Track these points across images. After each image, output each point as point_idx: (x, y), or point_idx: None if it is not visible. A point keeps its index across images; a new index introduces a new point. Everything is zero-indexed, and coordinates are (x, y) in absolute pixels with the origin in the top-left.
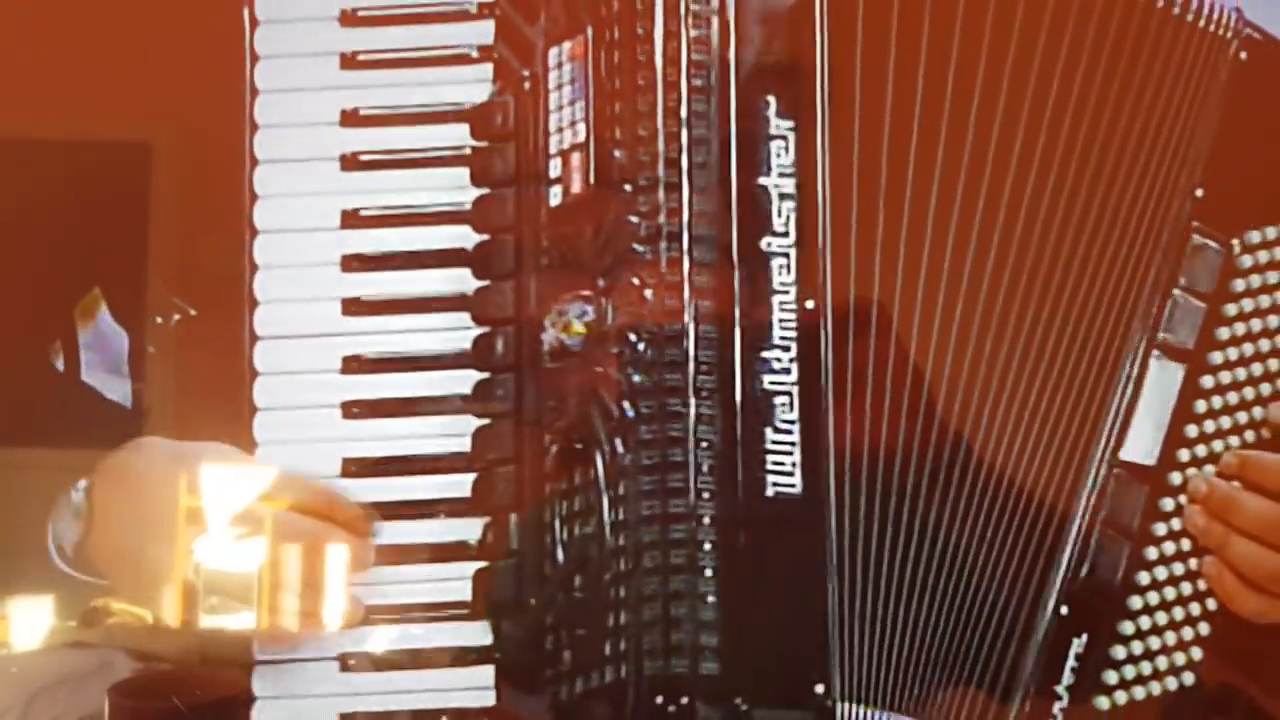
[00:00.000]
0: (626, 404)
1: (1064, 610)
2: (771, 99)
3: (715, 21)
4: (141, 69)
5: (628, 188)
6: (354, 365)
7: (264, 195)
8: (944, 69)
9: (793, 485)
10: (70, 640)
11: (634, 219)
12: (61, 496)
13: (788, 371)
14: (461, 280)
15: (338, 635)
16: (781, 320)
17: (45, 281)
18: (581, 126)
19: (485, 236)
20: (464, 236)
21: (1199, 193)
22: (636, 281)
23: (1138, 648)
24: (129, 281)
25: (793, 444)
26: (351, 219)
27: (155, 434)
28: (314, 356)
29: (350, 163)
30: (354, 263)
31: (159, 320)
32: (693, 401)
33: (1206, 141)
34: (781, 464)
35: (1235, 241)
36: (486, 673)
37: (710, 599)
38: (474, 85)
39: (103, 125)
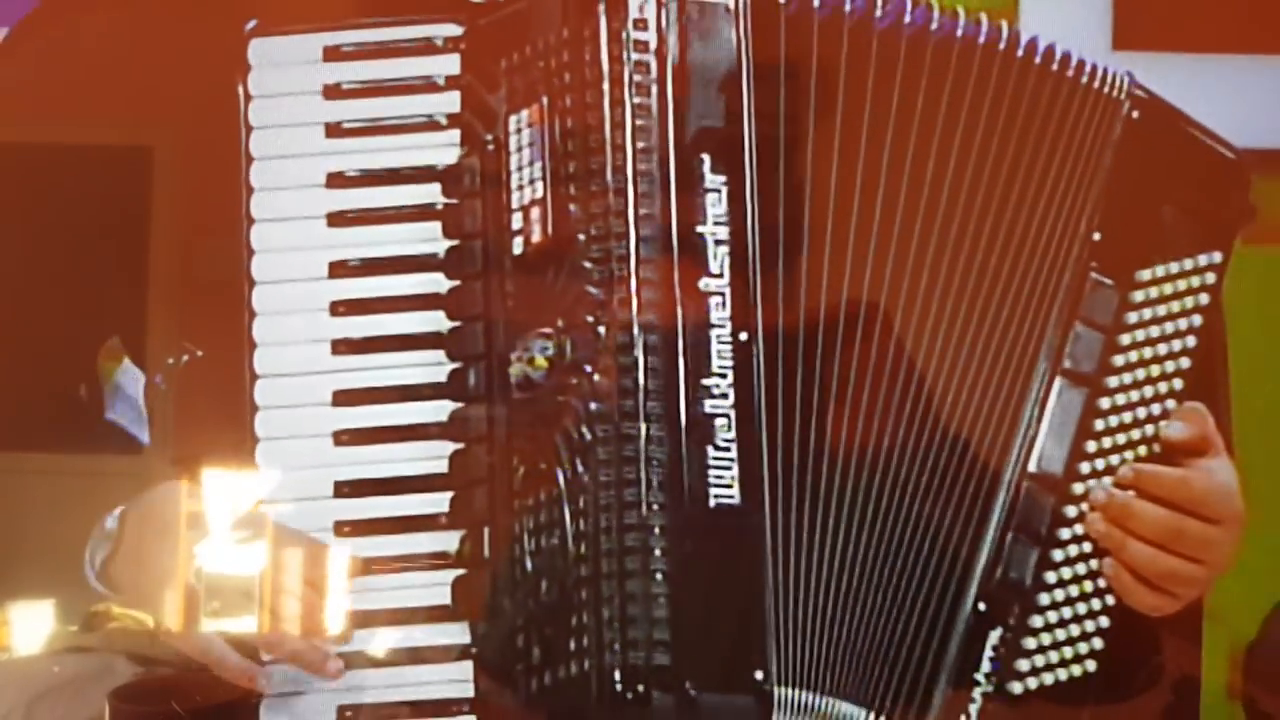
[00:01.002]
0: (585, 428)
1: (982, 606)
2: (706, 157)
3: (654, 90)
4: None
5: (581, 237)
6: (343, 398)
7: (260, 250)
8: (858, 130)
9: (732, 496)
10: (71, 644)
11: (587, 264)
12: (100, 520)
13: (725, 396)
14: (437, 321)
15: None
16: (719, 351)
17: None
18: (540, 184)
19: (457, 282)
20: (438, 282)
21: (1096, 237)
22: (591, 319)
23: (1046, 639)
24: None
25: (731, 460)
26: (338, 269)
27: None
28: (307, 391)
29: (336, 220)
30: (341, 308)
31: (170, 361)
32: (643, 425)
33: (1103, 191)
34: (722, 478)
35: (1128, 279)
36: (466, 668)
37: (662, 599)
38: (444, 149)
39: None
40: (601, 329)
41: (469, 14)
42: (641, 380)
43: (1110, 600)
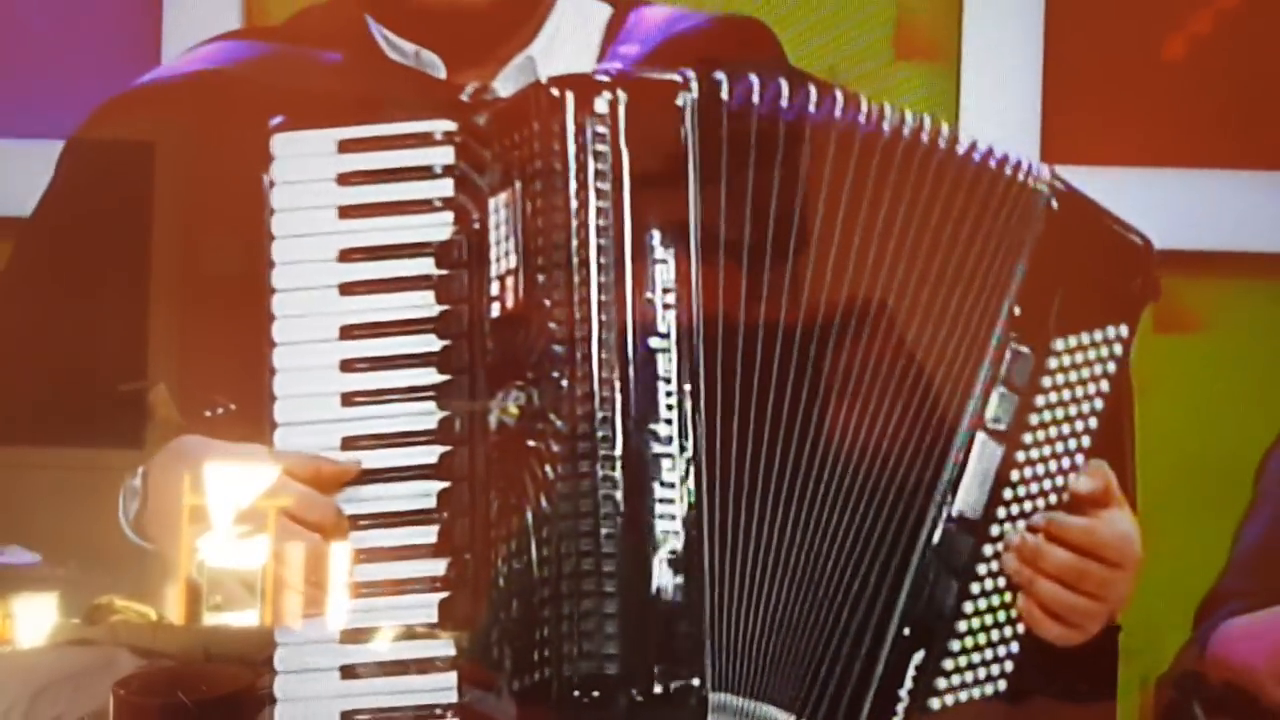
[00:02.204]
0: (549, 467)
1: (906, 631)
2: (656, 232)
3: (612, 175)
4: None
5: (548, 303)
6: (350, 444)
7: (280, 316)
8: (790, 210)
9: (674, 526)
10: (74, 637)
11: (553, 326)
12: (127, 479)
13: (670, 440)
14: (429, 375)
15: (339, 647)
16: (665, 402)
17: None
18: (514, 256)
19: (447, 342)
20: (430, 342)
21: (1017, 310)
22: (556, 374)
23: (963, 661)
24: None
25: (674, 498)
26: (347, 331)
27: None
28: (320, 438)
29: (346, 289)
30: (350, 365)
31: (206, 414)
32: (599, 466)
33: (1024, 270)
34: (667, 511)
35: (1045, 348)
36: (451, 677)
37: (612, 617)
38: (438, 228)
39: None
40: (564, 382)
41: (461, 111)
42: (598, 426)
43: (1020, 629)
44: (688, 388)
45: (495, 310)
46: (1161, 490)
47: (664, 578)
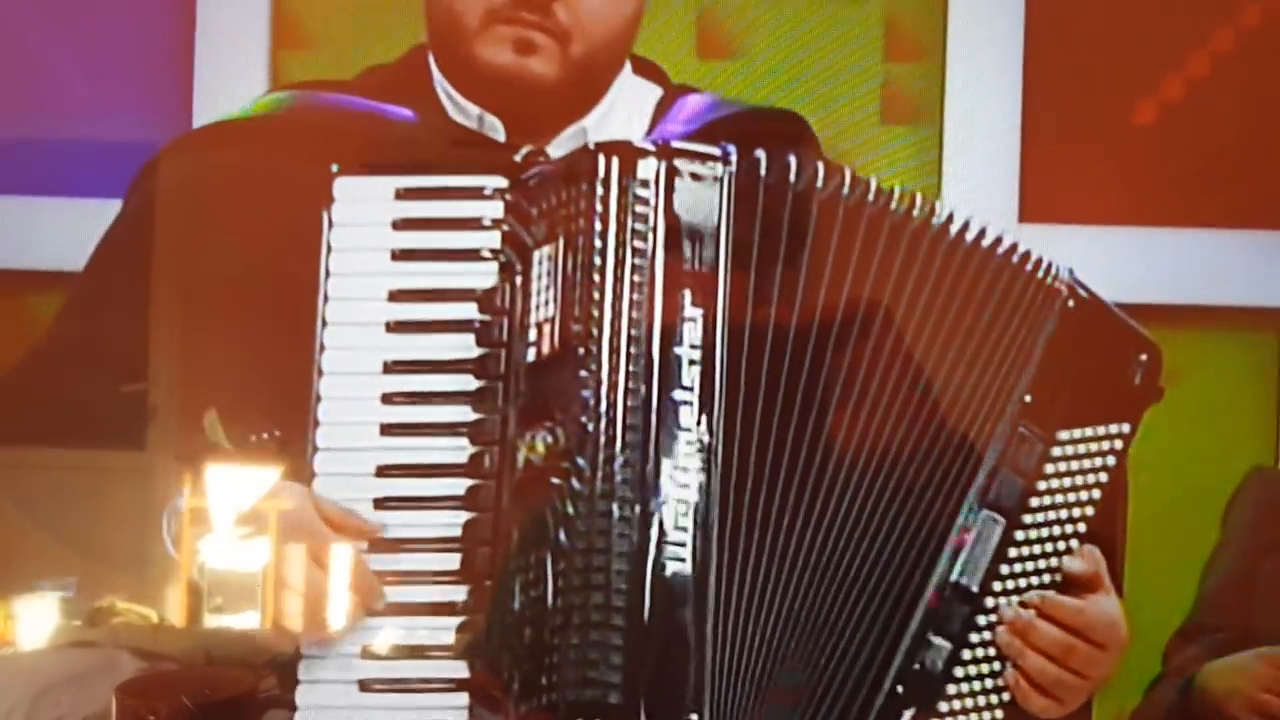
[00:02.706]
0: (570, 505)
1: (899, 689)
2: (687, 292)
3: (649, 237)
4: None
5: (581, 351)
6: (385, 471)
7: (330, 348)
8: (818, 283)
9: (684, 567)
10: (75, 639)
11: (584, 373)
12: (172, 500)
13: (686, 487)
14: (464, 413)
15: (358, 662)
16: (684, 452)
17: None
18: (552, 306)
19: (482, 383)
20: (468, 382)
21: (1028, 399)
22: (583, 419)
23: None
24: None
25: (685, 542)
26: (390, 367)
27: None
28: (357, 464)
29: (393, 327)
30: (391, 398)
31: (253, 439)
32: (615, 507)
33: (1038, 362)
34: (676, 552)
35: (1051, 437)
36: (461, 697)
37: (618, 648)
38: (483, 276)
39: None
40: (590, 426)
41: (513, 170)
42: (617, 470)
43: (1006, 698)
44: (706, 440)
45: (531, 355)
46: (1133, 530)
47: (670, 616)
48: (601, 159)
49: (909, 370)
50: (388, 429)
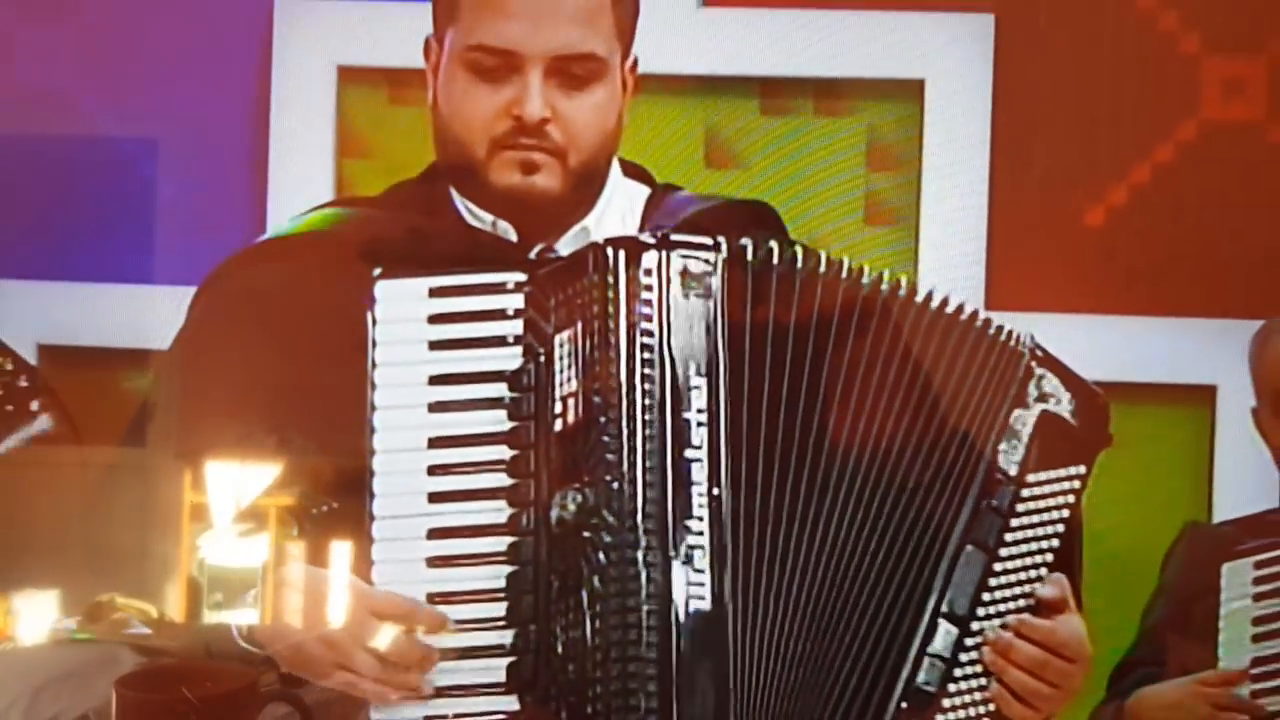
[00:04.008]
0: (601, 555)
1: (903, 705)
2: (692, 363)
3: (655, 319)
4: None
5: (602, 420)
6: (435, 534)
7: (380, 429)
8: (803, 353)
9: (705, 603)
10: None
11: (607, 439)
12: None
13: (701, 534)
14: (502, 480)
15: (425, 702)
16: (698, 502)
17: None
18: (575, 382)
19: (516, 452)
20: (503, 452)
21: (1003, 448)
22: (608, 478)
23: None
24: None
25: (705, 579)
26: (435, 442)
27: None
28: (410, 529)
29: (434, 408)
30: (436, 470)
31: (313, 511)
32: (641, 553)
33: (1007, 415)
34: (697, 592)
35: (1022, 480)
36: None
37: (652, 678)
38: (510, 359)
39: None
40: (614, 485)
41: (530, 266)
42: (640, 520)
43: (991, 708)
44: (716, 492)
45: (558, 425)
46: (1086, 575)
47: (695, 647)
48: (610, 252)
49: (899, 425)
50: (435, 496)
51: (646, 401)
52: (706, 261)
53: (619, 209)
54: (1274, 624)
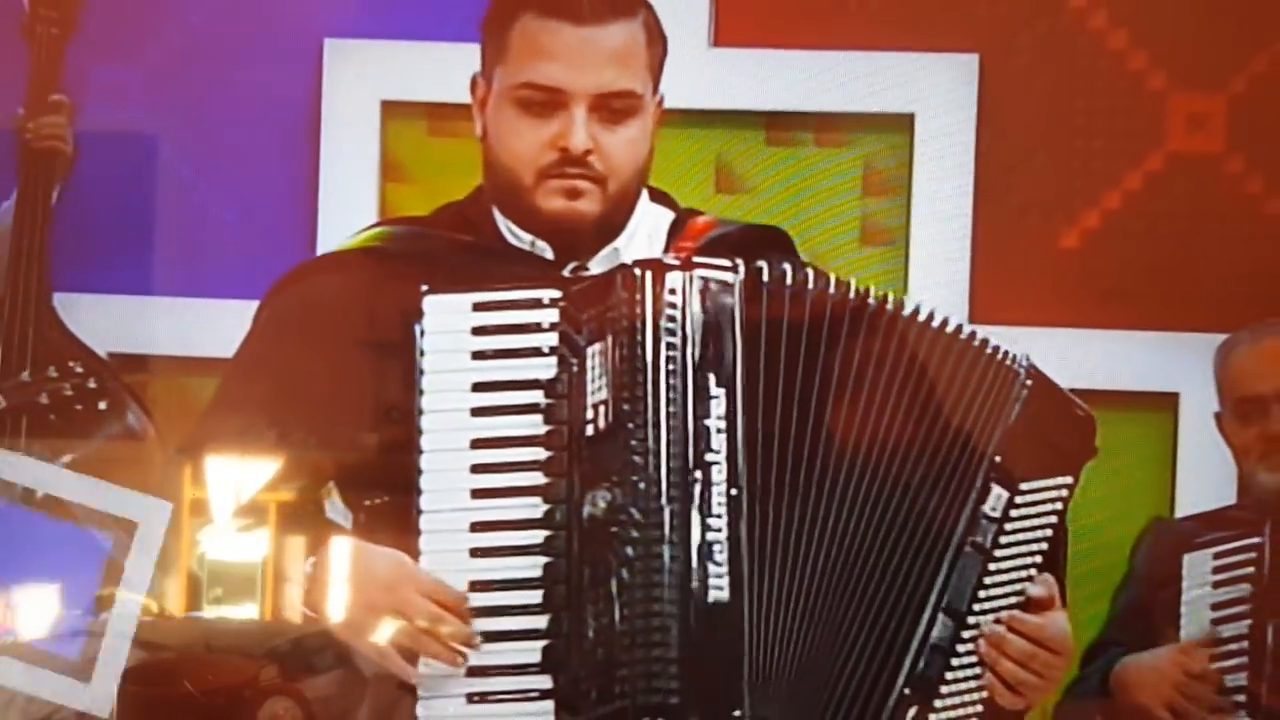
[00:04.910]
0: (629, 549)
1: (907, 691)
2: (712, 376)
3: (679, 334)
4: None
5: (630, 426)
6: (477, 527)
7: (427, 430)
8: (814, 364)
9: (723, 593)
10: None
11: (634, 443)
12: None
13: (720, 530)
14: (538, 478)
15: (466, 680)
16: (716, 501)
17: None
18: (605, 391)
19: (551, 453)
20: (539, 453)
21: (998, 459)
22: (635, 479)
23: (945, 715)
24: None
25: (724, 571)
26: (477, 443)
27: None
28: (455, 522)
29: (476, 412)
30: (478, 469)
31: (366, 503)
32: (665, 549)
33: (1004, 430)
34: (716, 583)
35: (1015, 488)
36: (548, 705)
37: (674, 660)
38: (546, 369)
39: None
40: (641, 485)
41: (564, 283)
42: (666, 517)
43: (984, 694)
44: (734, 492)
45: (590, 430)
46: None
47: (714, 633)
48: (638, 272)
49: (903, 434)
50: (477, 493)
51: (670, 409)
52: (726, 282)
53: (646, 231)
54: (1231, 609)
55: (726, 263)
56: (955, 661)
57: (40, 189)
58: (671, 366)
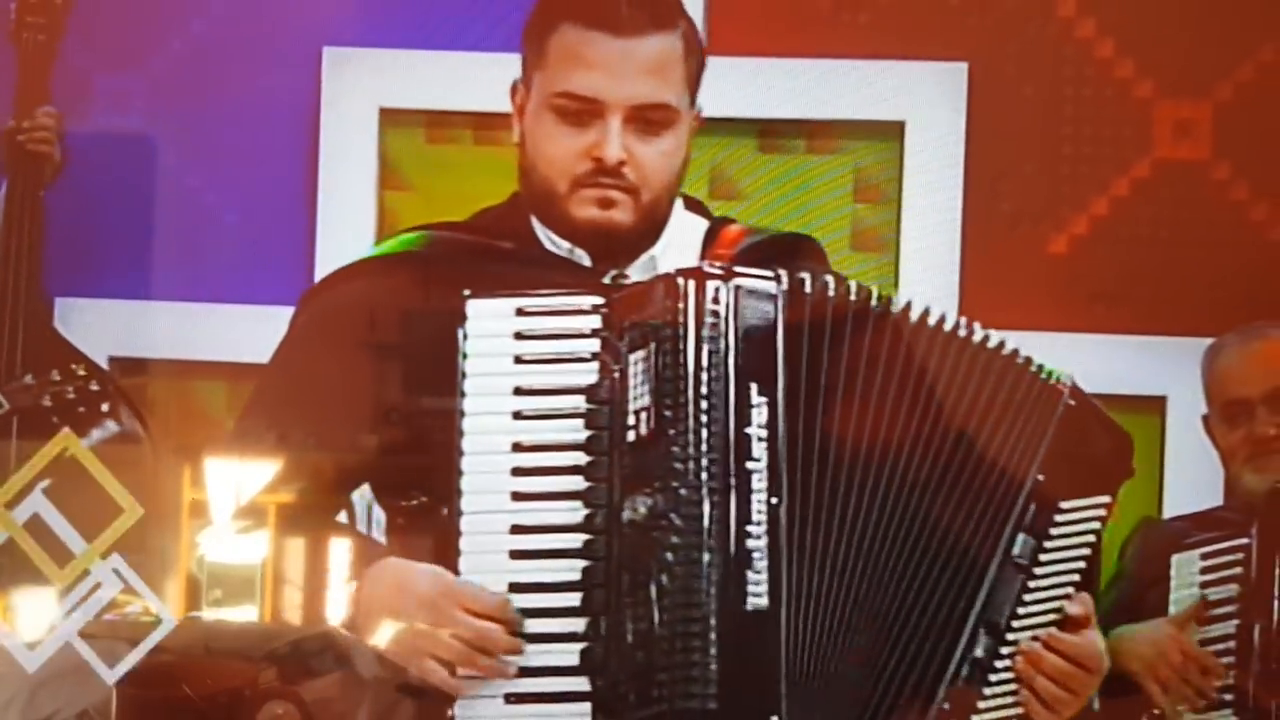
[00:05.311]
0: (668, 554)
1: (946, 705)
2: (753, 384)
3: (721, 342)
4: None
5: (671, 432)
6: (516, 530)
7: (469, 433)
8: (855, 374)
9: (762, 601)
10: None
11: (675, 450)
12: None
13: (760, 538)
14: (578, 483)
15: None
16: (756, 509)
17: None
18: (647, 397)
19: (592, 458)
20: (580, 458)
21: (1040, 478)
22: (675, 485)
23: None
24: None
25: (763, 579)
26: (517, 447)
27: None
28: (495, 525)
29: (518, 416)
30: (519, 472)
31: (403, 503)
32: (705, 555)
33: (1046, 449)
34: (755, 590)
35: (1055, 507)
36: (585, 707)
37: (714, 666)
38: (587, 374)
39: None
40: (682, 491)
41: (605, 290)
42: (706, 524)
43: (1019, 710)
44: (774, 500)
45: (631, 436)
46: None
47: (752, 638)
48: (681, 281)
49: (943, 449)
50: (518, 496)
51: (712, 417)
52: (768, 291)
53: (682, 239)
54: (1218, 609)
55: (768, 272)
56: (993, 677)
57: (30, 192)
58: (714, 374)
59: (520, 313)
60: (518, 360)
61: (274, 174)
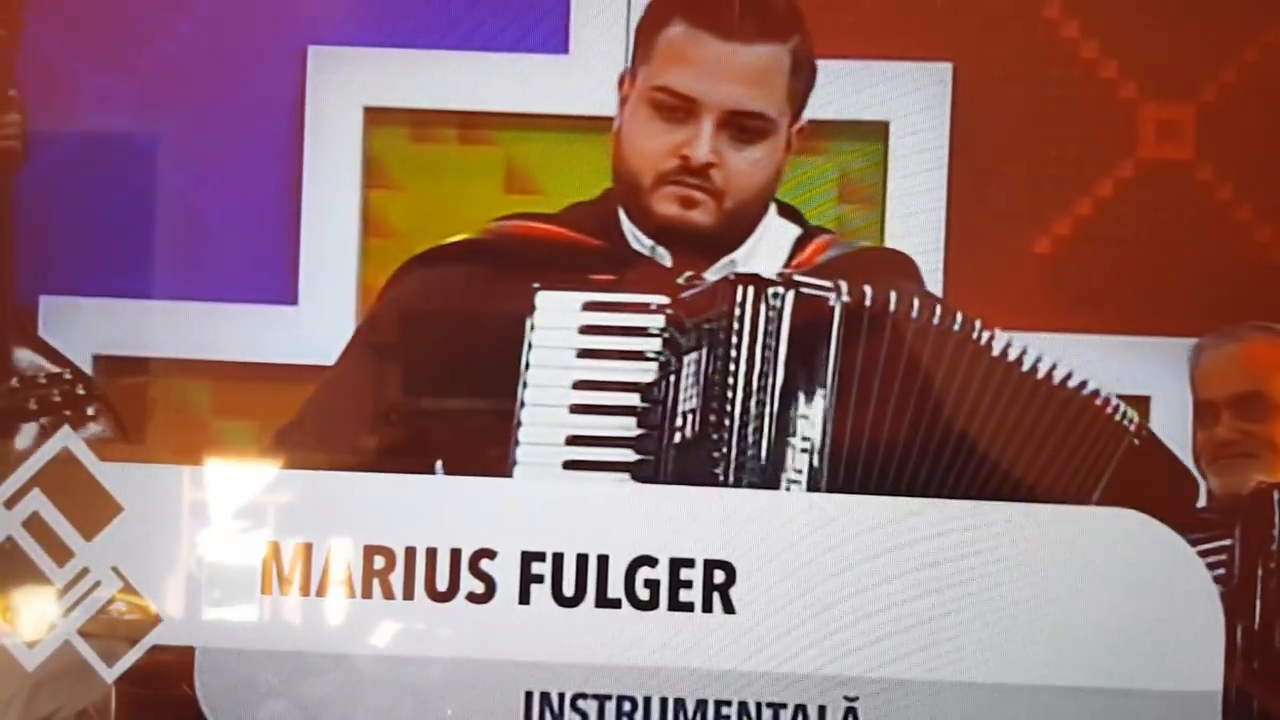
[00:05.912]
0: None
1: None
2: (801, 395)
3: (774, 350)
4: None
5: (715, 437)
6: None
7: (526, 423)
8: (907, 400)
9: None
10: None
11: (715, 454)
12: None
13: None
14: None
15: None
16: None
17: None
18: (696, 400)
19: (640, 456)
20: (629, 455)
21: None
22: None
23: None
24: None
25: None
26: (571, 440)
27: None
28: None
29: (574, 409)
30: (570, 465)
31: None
32: None
33: (1109, 478)
34: None
35: None
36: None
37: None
38: (646, 373)
39: None
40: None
41: (673, 290)
42: None
43: None
44: None
45: (677, 437)
46: None
47: None
48: (739, 288)
49: (994, 476)
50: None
51: (755, 424)
52: (825, 302)
53: (769, 245)
54: None
55: (828, 283)
56: None
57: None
58: (762, 383)
59: (587, 307)
60: (580, 354)
61: (259, 173)
